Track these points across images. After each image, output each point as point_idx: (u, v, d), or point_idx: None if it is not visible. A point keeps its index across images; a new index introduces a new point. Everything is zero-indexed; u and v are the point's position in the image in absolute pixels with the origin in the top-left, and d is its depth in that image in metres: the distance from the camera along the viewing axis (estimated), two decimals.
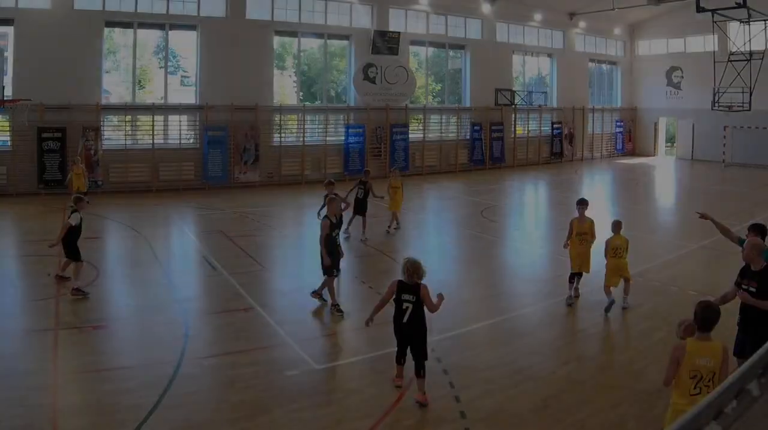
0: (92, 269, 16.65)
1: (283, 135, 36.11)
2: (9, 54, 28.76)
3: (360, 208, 21.23)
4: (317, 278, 14.99)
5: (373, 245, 20.20)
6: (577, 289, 14.67)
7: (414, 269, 9.84)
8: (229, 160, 33.71)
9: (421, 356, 9.82)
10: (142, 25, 32.85)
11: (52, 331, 12.43)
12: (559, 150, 48.36)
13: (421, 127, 41.49)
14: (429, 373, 9.93)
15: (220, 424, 9.12)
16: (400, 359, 10.20)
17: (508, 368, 10.95)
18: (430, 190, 34.66)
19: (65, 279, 15.38)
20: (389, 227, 22.33)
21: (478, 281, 17.05)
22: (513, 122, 45.81)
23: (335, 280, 14.28)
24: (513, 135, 45.91)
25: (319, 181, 34.49)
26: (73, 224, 14.79)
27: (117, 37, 34.05)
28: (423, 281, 9.89)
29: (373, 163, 37.82)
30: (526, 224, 26.98)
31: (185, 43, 34.88)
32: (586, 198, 15.15)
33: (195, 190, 32.31)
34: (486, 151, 43.73)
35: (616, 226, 14.15)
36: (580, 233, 14.57)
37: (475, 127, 43.08)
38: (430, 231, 25.06)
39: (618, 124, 52.91)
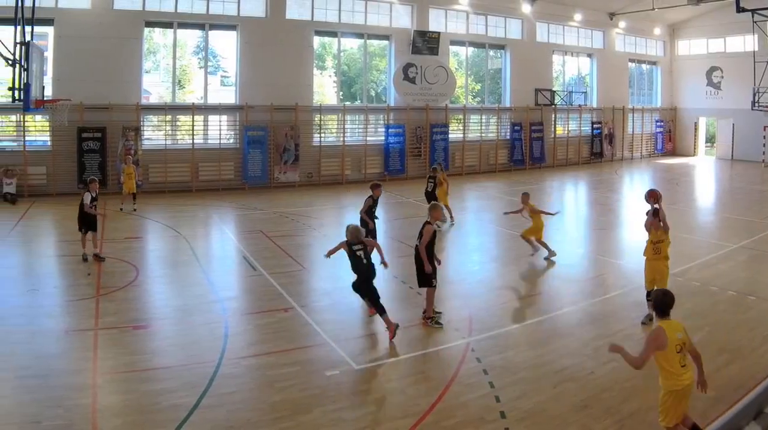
0: (132, 269, 16.43)
1: (323, 135, 34.69)
2: (49, 54, 27.59)
3: (430, 200, 22.13)
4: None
5: (411, 245, 18.58)
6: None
7: (356, 232, 12.53)
8: (269, 160, 32.41)
9: (371, 296, 12.29)
10: (182, 25, 31.63)
11: (92, 331, 12.12)
12: (598, 150, 46.28)
13: (460, 127, 39.72)
14: (469, 373, 10.34)
15: (260, 424, 8.86)
16: (380, 307, 12.00)
17: (548, 368, 10.65)
18: (470, 191, 33.18)
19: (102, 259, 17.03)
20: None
21: (518, 281, 16.60)
22: (553, 122, 43.98)
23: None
24: (553, 135, 44.09)
25: (359, 181, 34.44)
26: (86, 202, 16.91)
27: (157, 37, 32.84)
28: None
29: (413, 163, 36.49)
30: (565, 223, 25.13)
31: (225, 43, 33.58)
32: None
33: (235, 190, 31.12)
34: (526, 151, 41.93)
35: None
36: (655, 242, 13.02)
37: (515, 127, 41.31)
38: (471, 231, 23.91)
39: (658, 124, 50.66)
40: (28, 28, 19.11)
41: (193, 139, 31.27)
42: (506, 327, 12.73)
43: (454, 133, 39.20)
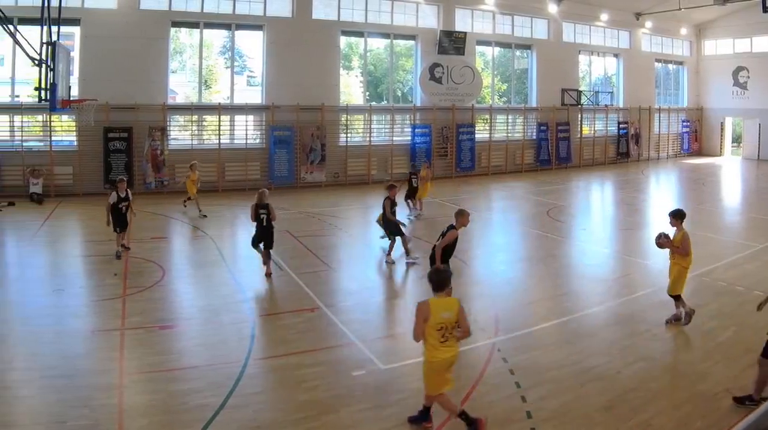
0: (158, 269, 16.17)
1: (349, 135, 33.53)
2: (75, 54, 26.84)
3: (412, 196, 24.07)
4: (383, 277, 16.03)
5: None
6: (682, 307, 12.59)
7: (263, 196, 15.60)
8: (295, 160, 31.35)
9: (270, 247, 15.73)
10: (208, 25, 30.73)
11: (118, 331, 11.90)
12: (625, 150, 44.71)
13: (487, 127, 38.42)
14: (495, 373, 10.15)
15: (286, 424, 8.68)
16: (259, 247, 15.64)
17: (574, 368, 10.41)
18: (497, 190, 32.18)
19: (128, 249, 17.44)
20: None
21: (545, 281, 16.09)
22: (579, 122, 42.47)
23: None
24: (579, 135, 42.57)
25: (385, 181, 32.65)
26: (110, 202, 16.73)
27: (183, 37, 31.84)
28: None
29: (439, 163, 35.27)
30: (592, 223, 24.99)
31: (251, 43, 32.48)
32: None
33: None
34: (552, 151, 40.52)
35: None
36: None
37: (542, 127, 39.89)
38: (497, 230, 23.28)
39: (684, 124, 48.88)
40: (54, 28, 18.57)
41: (219, 139, 30.36)
42: (532, 327, 12.43)
43: (481, 133, 37.79)
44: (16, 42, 17.87)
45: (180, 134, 30.73)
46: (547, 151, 40.36)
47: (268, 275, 15.46)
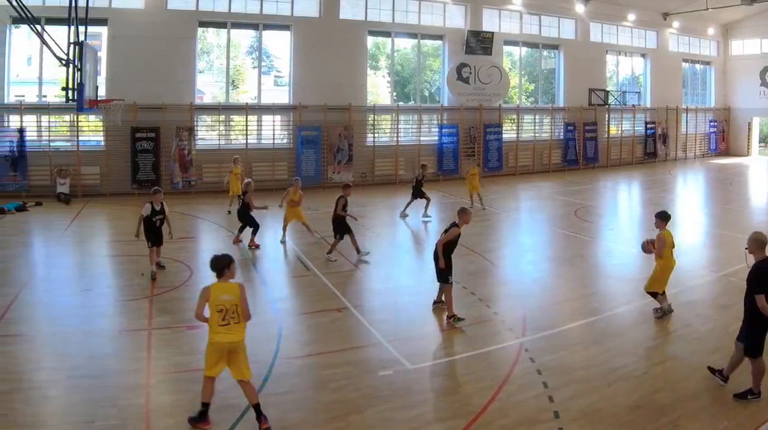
0: (186, 269, 15.71)
1: (376, 135, 32.35)
2: (102, 54, 26.00)
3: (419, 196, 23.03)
4: (410, 277, 15.56)
5: (466, 245, 17.55)
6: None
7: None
8: (323, 160, 30.27)
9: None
10: (236, 25, 29.69)
11: (145, 331, 11.55)
12: (652, 150, 43.06)
13: (514, 127, 36.94)
14: (522, 373, 9.84)
15: (313, 423, 8.45)
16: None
17: (602, 368, 10.05)
18: (524, 191, 31.00)
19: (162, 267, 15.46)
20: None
21: (572, 281, 15.46)
22: (606, 122, 40.90)
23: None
24: (606, 135, 40.95)
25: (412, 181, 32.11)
26: (143, 214, 14.81)
27: (210, 37, 30.73)
28: None
29: (466, 163, 33.29)
30: (619, 223, 23.96)
31: (279, 43, 31.37)
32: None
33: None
34: (579, 151, 38.95)
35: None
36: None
37: (569, 127, 38.34)
38: (525, 231, 22.54)
39: (711, 124, 47.07)
40: (81, 28, 18.26)
41: (246, 139, 29.31)
42: (560, 327, 12.00)
43: (508, 133, 36.47)
44: (44, 42, 17.42)
45: (207, 134, 29.77)
46: (574, 151, 38.82)
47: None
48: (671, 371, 9.96)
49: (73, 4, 17.70)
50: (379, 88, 34.86)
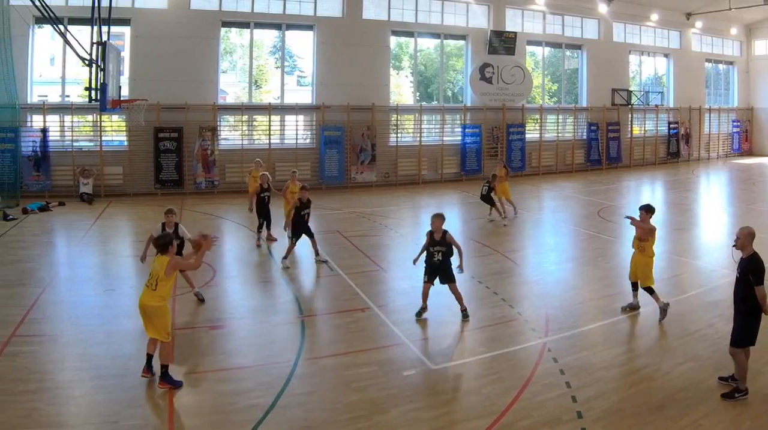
0: (209, 269, 15.00)
1: (399, 135, 31.05)
2: (125, 54, 25.08)
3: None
4: None
5: (489, 245, 17.83)
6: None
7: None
8: (346, 160, 29.09)
9: None
10: (259, 25, 28.62)
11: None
12: (675, 150, 41.29)
13: (537, 127, 35.50)
14: (546, 373, 9.51)
15: (336, 424, 8.10)
16: None
17: (624, 368, 9.83)
18: (547, 191, 29.72)
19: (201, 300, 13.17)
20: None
21: (595, 281, 14.90)
22: (629, 122, 39.17)
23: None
24: (629, 135, 39.30)
25: (436, 181, 31.39)
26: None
27: (233, 37, 29.64)
28: None
29: (489, 163, 32.23)
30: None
31: (302, 43, 30.16)
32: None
33: (311, 190, 27.63)
34: (602, 151, 37.32)
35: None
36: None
37: (592, 127, 36.75)
38: (548, 231, 21.55)
39: (734, 124, 45.16)
40: (104, 28, 17.40)
41: (269, 139, 28.24)
42: (583, 327, 11.59)
43: (531, 133, 34.95)
44: (67, 42, 16.73)
45: (230, 134, 28.69)
46: (597, 151, 37.24)
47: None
48: (694, 371, 9.59)
49: (96, 4, 17.10)
50: (402, 88, 33.51)
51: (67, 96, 25.86)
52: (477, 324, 11.53)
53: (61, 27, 17.22)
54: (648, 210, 12.46)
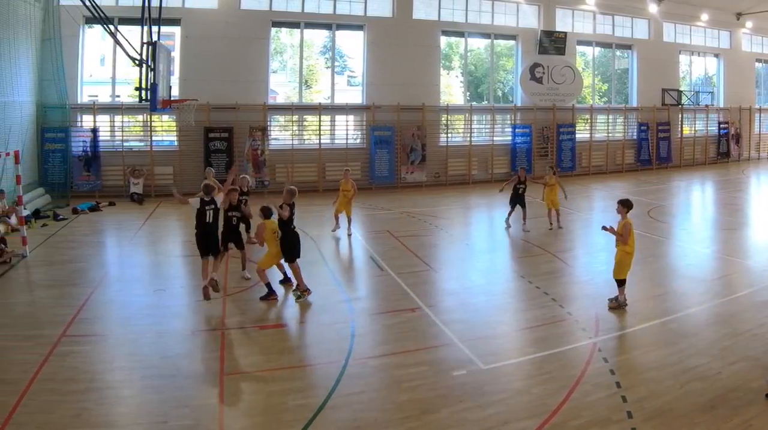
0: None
1: (449, 135, 28.41)
2: (175, 54, 23.00)
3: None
4: (483, 277, 13.90)
5: (539, 245, 16.69)
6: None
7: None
8: (396, 160, 26.49)
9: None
10: (309, 25, 26.12)
11: (218, 331, 10.43)
12: (725, 150, 37.50)
13: (587, 127, 32.28)
14: (596, 373, 8.75)
15: (387, 424, 7.41)
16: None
17: (675, 368, 8.88)
18: (597, 190, 27.00)
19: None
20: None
21: (645, 281, 13.50)
22: (680, 122, 35.53)
23: None
24: (679, 135, 35.72)
25: (486, 181, 28.46)
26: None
27: (283, 37, 27.10)
28: None
29: (540, 163, 29.54)
30: (692, 223, 21.18)
31: (352, 43, 27.59)
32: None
33: (361, 190, 24.43)
34: (653, 151, 33.92)
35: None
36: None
37: (642, 127, 33.40)
38: (598, 231, 19.21)
39: None
40: (154, 28, 16.04)
41: (320, 139, 25.83)
42: (633, 327, 10.76)
43: (581, 133, 31.80)
44: (117, 42, 15.24)
45: (280, 134, 26.24)
46: (647, 151, 33.80)
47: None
48: (745, 371, 8.86)
49: (147, 4, 15.58)
50: (452, 88, 30.48)
51: (118, 96, 23.84)
52: (527, 324, 10.84)
53: (112, 27, 15.52)
54: (625, 204, 11.75)
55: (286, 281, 12.73)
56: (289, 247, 11.96)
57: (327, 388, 8.37)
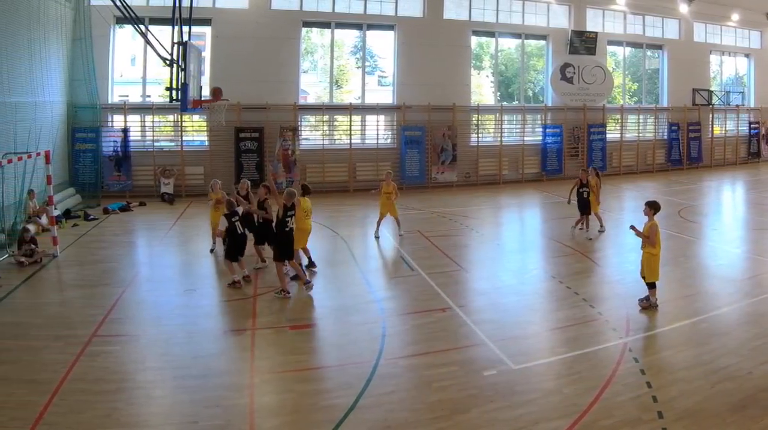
0: (289, 268, 13.19)
1: (480, 135, 26.84)
2: (206, 54, 21.71)
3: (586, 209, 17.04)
4: (514, 277, 13.19)
5: (570, 245, 15.87)
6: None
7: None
8: (426, 160, 24.94)
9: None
10: (340, 25, 24.69)
11: (249, 331, 9.95)
12: (756, 150, 35.20)
13: (618, 127, 30.39)
14: (626, 373, 8.32)
15: (417, 424, 7.08)
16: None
17: (705, 368, 8.35)
18: (628, 190, 25.49)
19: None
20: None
21: (675, 281, 12.69)
22: (710, 122, 33.42)
23: None
24: (710, 135, 33.60)
25: (516, 181, 26.77)
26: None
27: (314, 37, 25.63)
28: None
29: (570, 163, 27.92)
30: (723, 224, 20.08)
31: (382, 43, 26.06)
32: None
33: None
34: (683, 151, 31.89)
35: None
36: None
37: (673, 127, 31.37)
38: (628, 231, 17.85)
39: None
40: (185, 28, 15.15)
41: (350, 139, 24.40)
42: (663, 327, 10.13)
43: (612, 133, 29.92)
44: (148, 42, 14.27)
45: (311, 134, 24.83)
46: (678, 151, 31.75)
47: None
48: None
49: (177, 4, 14.54)
50: (482, 88, 28.68)
51: (148, 96, 22.61)
52: (557, 324, 10.30)
53: (142, 27, 14.43)
54: (652, 206, 11.09)
55: (310, 266, 12.69)
56: (282, 246, 11.40)
57: (358, 388, 8.00)
